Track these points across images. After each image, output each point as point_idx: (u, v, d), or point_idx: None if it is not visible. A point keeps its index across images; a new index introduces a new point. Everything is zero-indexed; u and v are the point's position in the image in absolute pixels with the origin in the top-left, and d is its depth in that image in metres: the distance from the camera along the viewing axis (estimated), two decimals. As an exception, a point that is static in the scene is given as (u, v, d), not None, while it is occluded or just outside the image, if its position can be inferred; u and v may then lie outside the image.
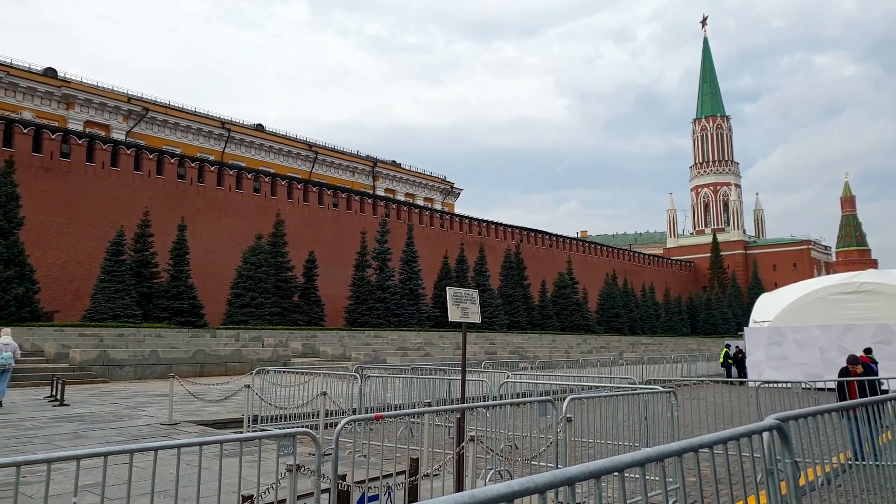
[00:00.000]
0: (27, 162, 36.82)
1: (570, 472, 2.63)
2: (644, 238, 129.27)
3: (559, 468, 7.30)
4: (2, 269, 27.65)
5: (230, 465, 6.09)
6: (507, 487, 2.41)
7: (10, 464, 3.68)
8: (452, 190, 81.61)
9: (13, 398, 15.85)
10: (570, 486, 2.67)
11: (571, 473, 2.62)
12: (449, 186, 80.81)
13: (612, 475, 2.81)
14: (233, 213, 47.26)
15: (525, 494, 2.44)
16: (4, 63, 49.12)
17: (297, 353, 29.14)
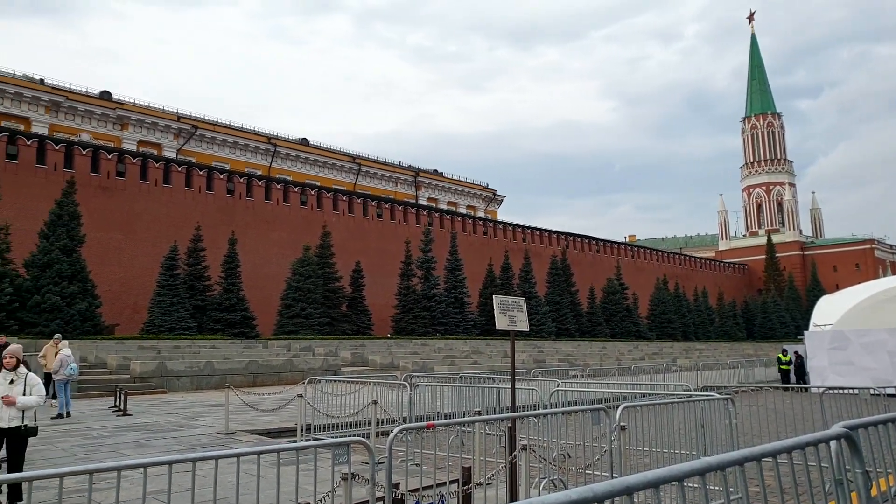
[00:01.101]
0: (86, 181, 38.33)
1: (628, 481, 2.61)
2: (695, 241, 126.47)
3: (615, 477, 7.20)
4: (66, 285, 28.79)
5: (286, 474, 6.20)
6: (566, 497, 2.41)
7: (82, 471, 3.87)
8: (495, 197, 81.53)
9: (80, 408, 16.49)
10: (628, 496, 2.65)
11: (629, 482, 2.60)
12: (491, 194, 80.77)
13: (670, 484, 2.77)
14: (281, 225, 48.24)
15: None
16: (64, 88, 51.35)
17: (346, 362, 29.49)
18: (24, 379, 7.42)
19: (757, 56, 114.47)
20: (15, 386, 7.34)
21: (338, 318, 40.59)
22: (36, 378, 7.61)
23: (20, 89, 48.05)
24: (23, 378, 7.43)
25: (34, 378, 7.56)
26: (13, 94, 47.73)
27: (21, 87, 48.19)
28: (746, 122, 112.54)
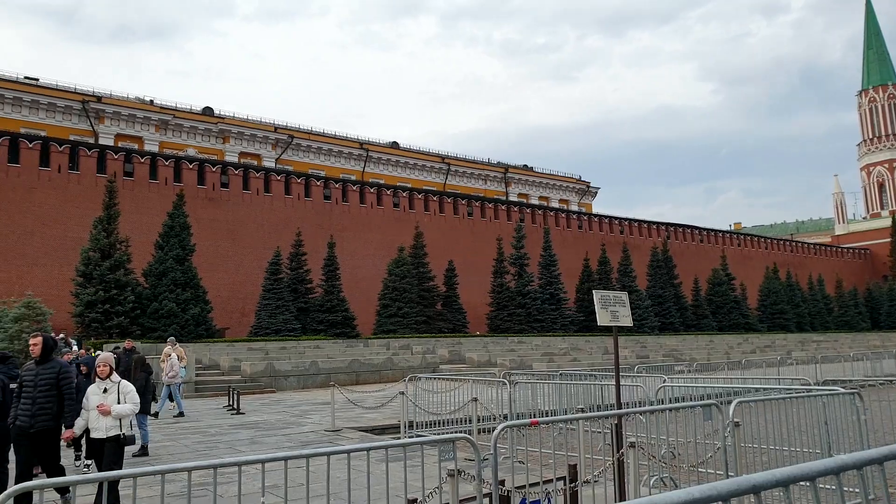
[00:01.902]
0: (193, 194, 40.69)
1: (755, 479, 2.47)
2: (807, 226, 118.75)
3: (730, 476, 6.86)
4: (180, 292, 30.70)
5: (393, 470, 6.30)
6: (688, 495, 2.30)
7: (206, 466, 4.10)
8: (589, 189, 79.88)
9: (197, 408, 17.53)
10: (755, 494, 2.51)
11: (756, 481, 2.47)
12: (585, 186, 79.19)
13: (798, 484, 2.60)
14: (375, 227, 49.41)
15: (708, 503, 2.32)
16: (171, 107, 54.78)
17: (444, 360, 29.79)
18: (117, 387, 7.31)
19: (873, 23, 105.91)
20: (109, 394, 7.23)
21: (433, 316, 41.12)
22: (129, 386, 7.52)
23: (133, 111, 51.69)
24: (116, 386, 7.31)
25: (127, 386, 7.46)
26: (127, 115, 51.39)
27: (134, 109, 51.82)
28: (863, 96, 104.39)
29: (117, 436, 7.11)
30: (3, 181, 37.57)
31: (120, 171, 40.19)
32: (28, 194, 38.00)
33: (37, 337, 7.68)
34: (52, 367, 7.47)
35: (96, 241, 29.71)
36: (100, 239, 29.72)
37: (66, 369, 7.57)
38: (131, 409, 7.25)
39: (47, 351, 7.58)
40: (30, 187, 38.25)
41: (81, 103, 49.45)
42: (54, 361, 7.59)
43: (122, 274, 29.42)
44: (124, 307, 28.70)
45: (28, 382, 7.45)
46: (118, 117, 51.00)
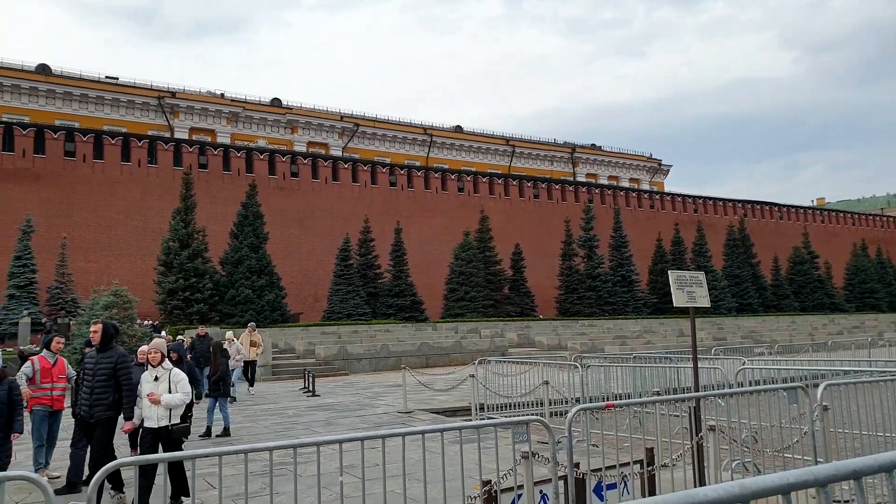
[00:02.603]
0: (265, 184, 41.82)
1: (855, 464, 2.33)
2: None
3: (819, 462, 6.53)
4: (256, 279, 31.71)
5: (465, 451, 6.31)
6: (782, 479, 2.19)
7: (287, 446, 4.20)
8: (661, 168, 77.60)
9: (275, 390, 18.11)
10: (855, 480, 2.37)
11: (857, 466, 2.33)
12: (656, 164, 76.98)
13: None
14: (441, 212, 49.61)
15: (802, 487, 2.21)
16: (241, 100, 56.38)
17: (513, 344, 29.73)
18: (168, 375, 6.93)
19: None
20: (160, 383, 6.87)
21: (501, 300, 41.04)
22: (181, 374, 7.07)
23: (206, 104, 53.49)
24: (167, 374, 6.94)
25: (178, 374, 7.03)
26: (200, 109, 53.23)
27: (206, 103, 53.62)
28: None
29: (166, 426, 6.80)
30: (88, 176, 39.71)
31: (195, 164, 41.74)
32: (111, 188, 40.05)
33: (97, 324, 7.41)
34: (110, 355, 7.20)
35: (175, 232, 30.99)
36: (178, 229, 30.98)
37: (124, 358, 7.28)
38: (181, 399, 6.85)
39: (108, 338, 7.29)
40: (113, 181, 40.28)
41: (157, 99, 51.53)
42: (113, 350, 7.30)
43: (200, 262, 30.62)
44: (203, 294, 29.88)
45: (88, 371, 7.26)
46: (192, 111, 52.90)
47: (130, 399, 7.05)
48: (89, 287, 26.45)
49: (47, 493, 3.48)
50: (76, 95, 48.57)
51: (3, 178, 37.62)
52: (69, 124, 43.86)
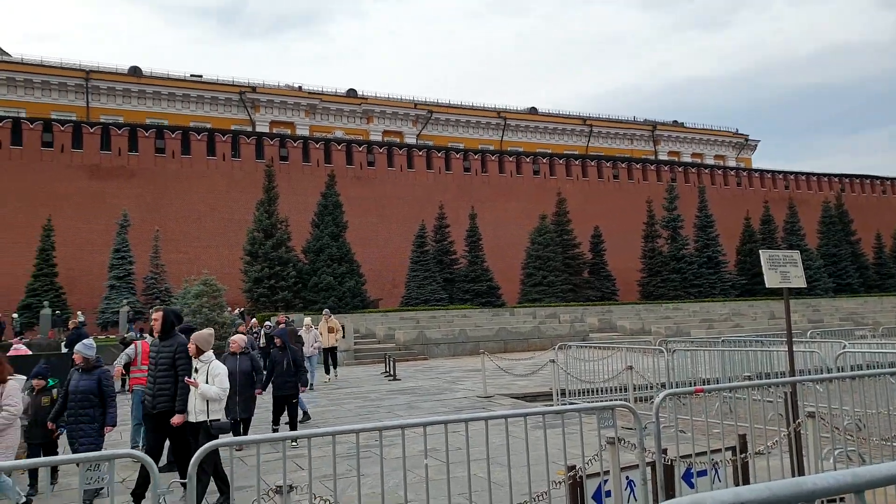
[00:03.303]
0: (343, 173, 42.64)
1: None
2: None
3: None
4: (336, 267, 32.48)
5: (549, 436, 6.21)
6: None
7: (372, 428, 4.24)
8: (748, 143, 74.08)
9: (357, 374, 18.52)
10: None
11: None
12: (743, 140, 73.52)
13: None
14: (516, 196, 49.22)
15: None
16: (318, 92, 57.58)
17: (593, 329, 29.22)
18: (207, 367, 6.62)
19: None
20: (199, 374, 6.60)
21: (580, 284, 40.42)
22: (220, 367, 6.71)
23: (284, 98, 54.96)
24: (206, 366, 6.63)
25: (217, 367, 6.69)
26: (280, 103, 54.76)
27: (285, 96, 55.10)
28: None
29: (205, 422, 6.48)
30: (177, 171, 41.69)
31: (276, 156, 43.06)
32: (199, 182, 41.91)
33: (158, 311, 7.18)
34: (170, 344, 6.94)
35: (259, 222, 32.09)
36: (262, 220, 32.07)
37: (184, 347, 6.88)
38: (216, 392, 6.49)
39: (168, 326, 7.03)
40: (200, 175, 42.13)
41: (239, 95, 53.36)
42: (174, 338, 7.01)
43: (283, 251, 31.62)
44: (287, 282, 30.88)
45: (151, 360, 7.07)
46: (271, 105, 54.50)
47: (184, 391, 6.72)
48: (181, 277, 27.84)
49: (152, 470, 3.65)
50: (164, 95, 50.96)
51: (102, 176, 40.01)
52: (159, 122, 46.12)
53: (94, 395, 6.87)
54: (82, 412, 6.81)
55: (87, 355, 7.03)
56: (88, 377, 6.94)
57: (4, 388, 5.92)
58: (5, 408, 5.82)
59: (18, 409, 5.97)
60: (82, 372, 6.98)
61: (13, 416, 5.85)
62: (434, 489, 4.72)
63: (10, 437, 5.95)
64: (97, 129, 40.97)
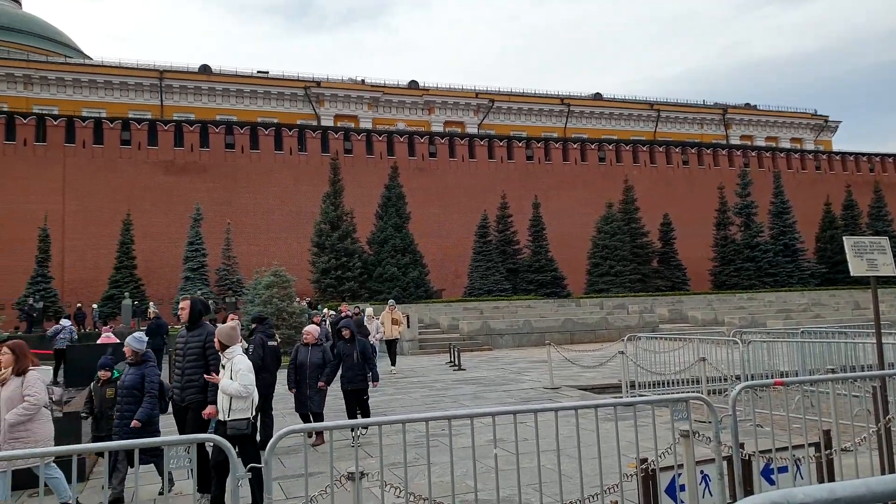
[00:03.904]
0: (405, 165, 42.95)
1: None
2: None
3: None
4: (400, 257, 32.81)
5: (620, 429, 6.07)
6: None
7: (441, 417, 4.22)
8: (827, 125, 70.44)
9: (422, 363, 18.65)
10: None
11: None
12: (822, 121, 69.96)
13: None
14: (581, 184, 48.44)
15: None
16: (380, 85, 58.09)
17: (663, 319, 28.52)
18: (231, 363, 6.12)
19: None
20: (225, 370, 6.14)
21: (649, 274, 39.52)
22: (243, 362, 6.13)
23: (348, 91, 55.73)
24: (230, 362, 6.12)
25: (240, 362, 6.11)
26: (343, 96, 55.57)
27: (349, 90, 55.85)
28: None
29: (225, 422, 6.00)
30: (247, 165, 42.94)
31: (341, 149, 43.77)
32: (267, 176, 43.07)
33: (185, 300, 6.90)
34: (199, 333, 6.62)
35: (326, 215, 32.72)
36: (329, 212, 32.69)
37: (213, 336, 6.43)
38: (237, 390, 5.95)
39: (196, 315, 6.74)
40: (268, 170, 43.28)
41: (304, 90, 54.41)
42: (203, 327, 6.75)
43: (349, 243, 32.18)
44: (353, 273, 31.41)
45: (178, 351, 6.76)
46: (335, 99, 55.36)
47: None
48: (251, 268, 28.68)
49: (231, 454, 3.76)
50: (233, 91, 52.50)
51: (176, 172, 41.63)
52: (228, 118, 47.58)
53: (137, 391, 6.61)
54: (127, 407, 6.56)
55: (135, 348, 6.78)
56: (136, 371, 6.71)
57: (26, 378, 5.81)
58: (26, 398, 5.68)
59: (39, 399, 5.75)
60: (131, 366, 6.78)
61: (33, 406, 5.69)
62: (503, 479, 4.67)
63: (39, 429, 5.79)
64: (171, 126, 42.62)
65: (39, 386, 5.80)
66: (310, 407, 8.83)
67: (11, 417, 5.62)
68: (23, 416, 5.64)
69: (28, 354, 5.97)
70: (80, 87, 48.50)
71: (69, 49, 59.65)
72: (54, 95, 47.75)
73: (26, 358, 5.89)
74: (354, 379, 9.29)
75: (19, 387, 5.73)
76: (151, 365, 6.79)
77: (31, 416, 5.68)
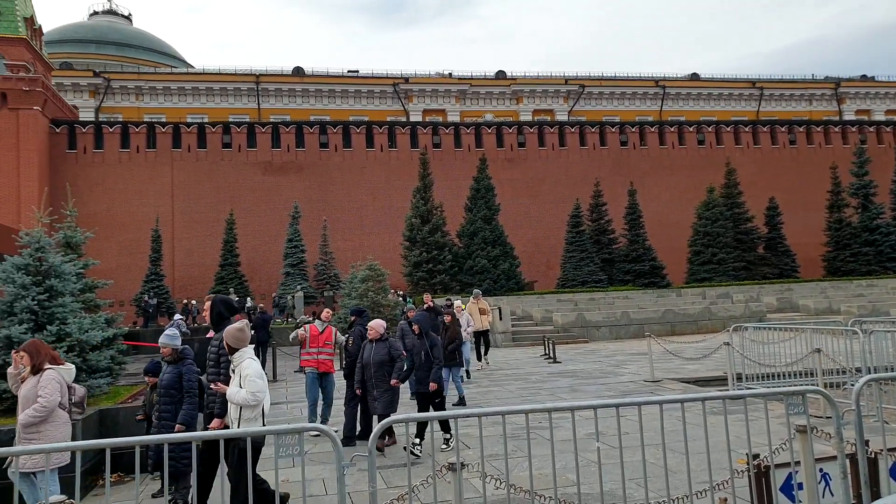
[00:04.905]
0: (494, 156, 42.76)
1: None
2: None
3: None
4: (490, 250, 32.74)
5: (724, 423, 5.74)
6: None
7: (542, 410, 4.10)
8: (956, 95, 64.24)
9: (516, 356, 18.51)
10: None
11: None
12: (950, 91, 63.88)
13: None
14: (678, 169, 46.67)
15: None
16: (467, 77, 58.05)
17: (771, 309, 27.01)
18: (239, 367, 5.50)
19: None
20: (234, 376, 5.53)
21: (755, 261, 37.65)
22: (251, 367, 5.44)
23: (436, 86, 56.03)
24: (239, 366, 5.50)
25: (247, 367, 5.44)
26: (431, 91, 55.94)
27: (436, 84, 56.15)
28: None
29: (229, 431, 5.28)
30: (340, 163, 44.14)
31: (429, 144, 44.16)
32: (359, 173, 44.11)
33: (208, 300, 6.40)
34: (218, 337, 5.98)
35: (416, 209, 33.12)
36: (419, 206, 33.07)
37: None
38: (244, 398, 5.31)
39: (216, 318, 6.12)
40: (360, 167, 44.31)
41: (393, 86, 55.21)
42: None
43: (439, 236, 32.43)
44: (444, 265, 31.65)
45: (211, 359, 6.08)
46: (423, 94, 55.84)
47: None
48: (347, 263, 29.48)
49: (336, 444, 3.84)
50: (325, 92, 54.00)
51: (274, 172, 43.38)
52: (321, 118, 49.03)
53: (175, 390, 6.25)
54: (165, 408, 6.26)
55: (170, 345, 6.41)
56: (173, 370, 6.35)
57: (41, 378, 5.52)
58: (39, 398, 5.41)
59: (51, 401, 5.43)
60: (168, 364, 6.44)
61: (44, 408, 5.39)
62: (605, 473, 4.50)
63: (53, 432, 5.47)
64: (268, 128, 44.42)
65: (53, 386, 5.51)
66: (374, 409, 8.06)
67: (23, 418, 5.40)
68: (34, 417, 5.38)
69: (43, 352, 5.72)
70: (184, 95, 51.38)
71: (174, 59, 63.37)
72: (162, 104, 50.84)
73: (40, 355, 5.66)
74: (424, 380, 8.15)
75: (35, 386, 5.50)
76: (189, 363, 6.42)
77: (42, 417, 5.41)
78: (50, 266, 9.50)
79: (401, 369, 8.10)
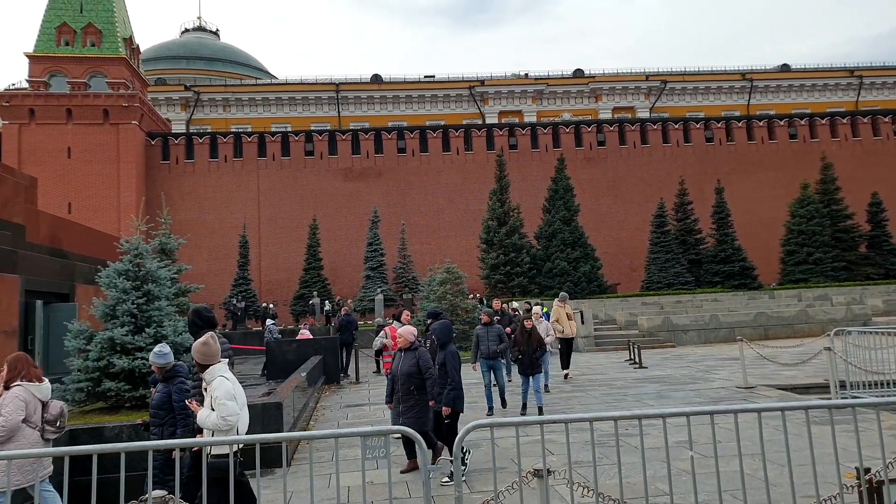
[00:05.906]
0: (572, 156, 42.08)
1: None
2: None
3: None
4: (570, 251, 32.16)
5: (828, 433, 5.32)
6: None
7: (630, 416, 3.93)
8: None
9: (600, 361, 18.04)
10: None
11: None
12: None
13: None
14: (768, 165, 44.52)
15: None
16: (544, 77, 57.42)
17: (877, 312, 25.25)
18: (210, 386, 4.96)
19: None
20: (207, 395, 4.98)
21: (856, 261, 35.34)
22: (221, 387, 4.85)
23: (511, 87, 55.73)
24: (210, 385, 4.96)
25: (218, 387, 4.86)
26: (507, 93, 55.68)
27: (512, 86, 55.84)
28: None
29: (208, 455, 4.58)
30: (417, 168, 44.60)
31: (505, 146, 43.96)
32: (436, 176, 44.43)
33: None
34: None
35: (493, 211, 32.96)
36: (496, 208, 32.89)
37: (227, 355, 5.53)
38: (214, 423, 4.79)
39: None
40: (437, 170, 44.61)
41: (469, 90, 55.31)
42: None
43: (517, 238, 32.13)
44: (522, 268, 31.32)
45: None
46: (499, 96, 55.66)
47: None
48: (426, 266, 29.67)
49: (421, 445, 3.81)
50: (402, 98, 54.76)
51: (354, 178, 44.33)
52: (399, 124, 49.74)
53: (163, 410, 5.71)
54: (154, 429, 5.75)
55: (157, 364, 5.87)
56: (163, 388, 5.82)
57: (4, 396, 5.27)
58: None
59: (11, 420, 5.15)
60: (159, 382, 5.94)
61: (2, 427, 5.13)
62: (699, 483, 4.25)
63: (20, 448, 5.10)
64: (348, 135, 45.47)
65: (16, 404, 5.21)
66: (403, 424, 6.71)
67: None
68: None
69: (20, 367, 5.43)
70: (268, 105, 53.31)
71: (258, 71, 65.88)
72: (247, 115, 52.95)
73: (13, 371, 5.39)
74: (437, 397, 7.26)
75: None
76: (180, 381, 5.83)
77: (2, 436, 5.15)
78: (147, 271, 9.99)
79: (433, 386, 7.21)
